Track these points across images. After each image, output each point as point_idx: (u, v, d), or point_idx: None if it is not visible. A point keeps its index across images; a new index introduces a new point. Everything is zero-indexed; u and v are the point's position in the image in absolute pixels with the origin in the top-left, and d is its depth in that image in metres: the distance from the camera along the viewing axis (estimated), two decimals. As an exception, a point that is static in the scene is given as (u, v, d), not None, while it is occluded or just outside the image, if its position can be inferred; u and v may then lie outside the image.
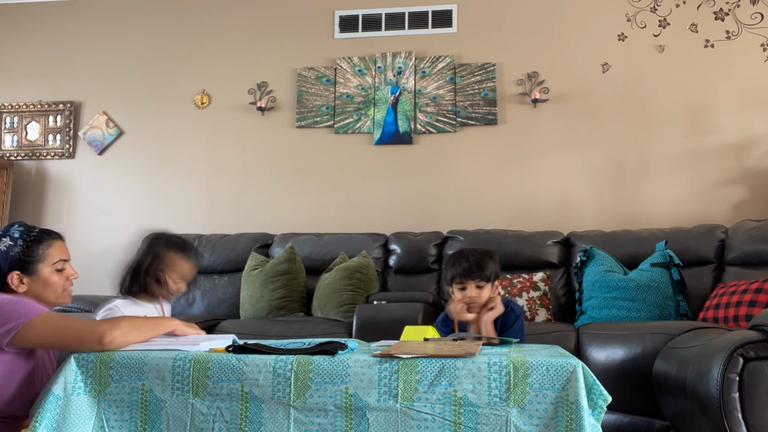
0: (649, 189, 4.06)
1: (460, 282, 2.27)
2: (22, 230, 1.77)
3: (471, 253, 2.31)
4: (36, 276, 1.75)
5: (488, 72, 4.30)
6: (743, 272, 3.29)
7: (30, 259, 1.74)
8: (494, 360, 1.45)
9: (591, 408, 1.41)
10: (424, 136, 4.34)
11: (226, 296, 3.89)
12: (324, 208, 4.37)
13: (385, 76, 4.41)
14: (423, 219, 4.21)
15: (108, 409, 1.54)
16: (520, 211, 4.14)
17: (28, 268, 1.74)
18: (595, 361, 2.70)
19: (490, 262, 2.28)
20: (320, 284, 3.63)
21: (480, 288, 2.25)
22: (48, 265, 1.77)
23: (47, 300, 1.77)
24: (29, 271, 1.74)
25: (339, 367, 1.48)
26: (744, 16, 4.09)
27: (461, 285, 2.27)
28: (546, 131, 4.21)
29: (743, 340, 1.84)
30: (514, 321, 2.28)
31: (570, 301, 3.61)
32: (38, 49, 4.86)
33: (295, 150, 4.46)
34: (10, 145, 4.80)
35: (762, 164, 3.94)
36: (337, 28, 4.54)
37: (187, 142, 4.52)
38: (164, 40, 4.72)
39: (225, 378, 1.51)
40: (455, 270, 2.27)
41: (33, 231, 1.78)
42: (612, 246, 3.55)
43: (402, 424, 1.43)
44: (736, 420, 1.80)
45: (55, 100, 4.78)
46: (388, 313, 3.00)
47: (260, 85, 4.55)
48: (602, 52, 4.23)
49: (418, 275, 3.86)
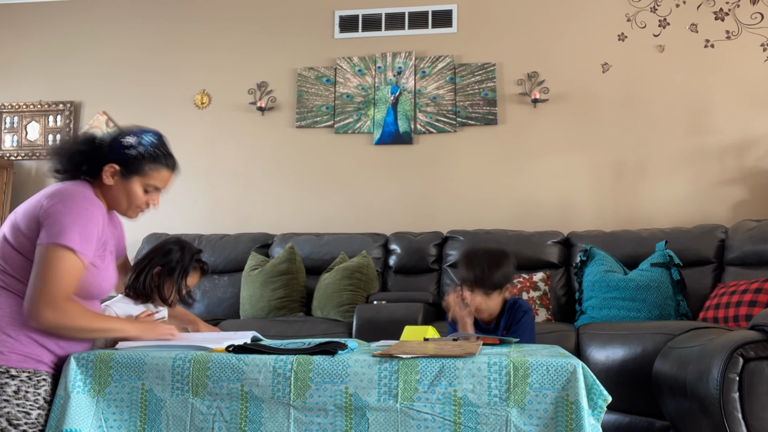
0: (649, 189, 4.06)
1: (470, 287, 2.25)
2: (153, 143, 1.79)
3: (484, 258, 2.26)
4: (126, 182, 1.76)
5: (488, 72, 4.30)
6: (743, 272, 3.29)
7: (135, 166, 1.75)
8: (494, 360, 1.45)
9: (591, 408, 1.41)
10: (424, 136, 4.34)
11: (226, 296, 3.89)
12: (324, 208, 4.37)
13: (385, 76, 4.41)
14: (423, 219, 4.21)
15: (107, 409, 1.54)
16: (520, 211, 4.14)
17: (127, 172, 1.75)
18: (595, 361, 2.70)
19: (502, 269, 2.24)
20: (320, 284, 3.63)
21: (488, 295, 2.24)
22: (142, 182, 1.78)
23: (118, 206, 1.80)
24: (125, 174, 1.75)
25: (339, 367, 1.48)
26: (744, 16, 4.09)
27: (470, 289, 2.25)
28: (546, 131, 4.21)
29: (743, 340, 1.84)
30: (522, 316, 2.27)
31: (570, 301, 3.61)
32: (38, 49, 4.86)
33: (295, 150, 4.46)
34: (10, 145, 4.80)
35: (762, 164, 3.94)
36: (337, 28, 4.54)
37: (187, 142, 4.52)
38: (164, 40, 4.72)
39: (225, 378, 1.51)
40: (467, 274, 2.25)
41: (159, 149, 1.80)
42: (612, 246, 3.55)
43: (402, 424, 1.43)
44: (736, 420, 1.80)
45: (55, 100, 4.78)
46: (388, 313, 3.01)
47: (260, 85, 4.55)
48: (602, 52, 4.23)
49: (418, 275, 3.87)
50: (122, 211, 1.82)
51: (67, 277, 1.58)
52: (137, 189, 1.77)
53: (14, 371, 1.55)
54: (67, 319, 1.57)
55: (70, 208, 1.61)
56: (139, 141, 1.76)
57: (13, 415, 1.53)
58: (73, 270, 1.59)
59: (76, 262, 1.60)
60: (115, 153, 1.75)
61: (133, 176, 1.76)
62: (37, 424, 1.55)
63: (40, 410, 1.56)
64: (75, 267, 1.60)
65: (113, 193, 1.77)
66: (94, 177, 1.76)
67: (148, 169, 1.78)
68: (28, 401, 1.55)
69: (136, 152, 1.75)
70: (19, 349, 1.57)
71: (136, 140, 1.76)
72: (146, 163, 1.77)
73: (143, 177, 1.77)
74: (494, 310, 2.28)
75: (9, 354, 1.55)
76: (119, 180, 1.75)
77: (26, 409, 1.54)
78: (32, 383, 1.57)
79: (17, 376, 1.55)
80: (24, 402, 1.54)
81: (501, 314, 2.31)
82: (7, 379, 1.54)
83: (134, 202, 1.79)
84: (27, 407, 1.54)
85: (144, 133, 1.79)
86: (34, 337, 1.58)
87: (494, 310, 2.29)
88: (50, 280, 1.55)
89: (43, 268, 1.56)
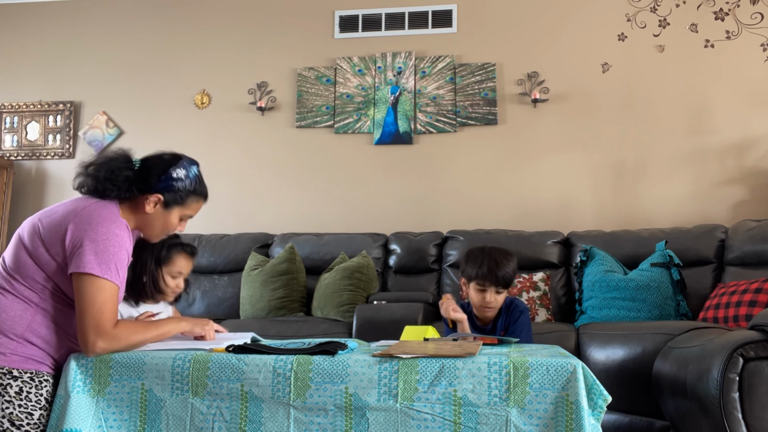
0: (649, 189, 4.06)
1: (482, 285, 2.25)
2: (197, 176, 1.82)
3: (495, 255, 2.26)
4: (167, 211, 1.77)
5: (488, 72, 4.30)
6: (743, 272, 3.29)
7: (179, 198, 1.77)
8: (494, 360, 1.45)
9: (591, 408, 1.41)
10: (424, 136, 4.34)
11: (226, 296, 3.89)
12: (324, 208, 4.37)
13: (385, 76, 4.41)
14: (423, 219, 4.21)
15: (107, 409, 1.54)
16: (520, 211, 4.14)
17: (171, 204, 1.76)
18: (595, 361, 2.70)
19: (512, 267, 2.26)
20: (320, 284, 3.63)
21: (499, 293, 2.26)
22: (180, 212, 1.80)
23: (150, 231, 1.81)
24: (168, 205, 1.76)
25: (339, 366, 1.48)
26: (744, 16, 4.09)
27: (481, 287, 2.25)
28: (546, 131, 4.21)
29: (743, 340, 1.84)
30: (519, 316, 2.28)
31: (570, 301, 3.60)
32: (38, 49, 4.86)
33: (295, 150, 4.46)
34: (10, 145, 4.80)
35: (762, 164, 3.94)
36: (337, 28, 4.54)
37: (187, 142, 4.52)
38: (164, 40, 4.72)
39: (225, 378, 1.51)
40: (479, 271, 2.24)
41: (201, 183, 1.83)
42: (612, 246, 3.55)
43: (402, 424, 1.43)
44: (736, 420, 1.80)
45: (55, 100, 4.78)
46: (388, 313, 3.01)
47: (260, 85, 4.55)
48: (602, 52, 4.23)
49: (418, 275, 3.86)
50: (149, 235, 1.83)
51: (110, 305, 1.59)
52: (175, 219, 1.80)
53: (16, 372, 1.56)
54: (121, 343, 1.59)
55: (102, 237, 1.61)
56: (187, 174, 1.78)
57: (16, 416, 1.54)
58: (114, 297, 1.62)
59: (114, 289, 1.61)
60: (163, 184, 1.75)
61: (174, 207, 1.78)
62: (39, 425, 1.55)
63: (42, 411, 1.57)
64: (115, 294, 1.62)
65: (149, 220, 1.77)
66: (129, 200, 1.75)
67: (190, 200, 1.80)
68: (31, 402, 1.56)
69: (183, 185, 1.77)
70: (21, 351, 1.58)
71: (185, 174, 1.78)
72: (190, 195, 1.80)
73: (183, 208, 1.80)
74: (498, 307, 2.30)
75: (11, 355, 1.57)
76: (160, 209, 1.76)
77: (29, 410, 1.55)
78: (34, 384, 1.57)
79: (19, 377, 1.56)
80: (26, 403, 1.55)
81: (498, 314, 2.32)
82: (9, 380, 1.55)
83: (167, 230, 1.82)
84: (29, 408, 1.55)
85: (190, 166, 1.81)
86: (35, 341, 1.60)
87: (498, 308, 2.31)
88: (97, 312, 1.56)
89: (87, 300, 1.57)
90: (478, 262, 2.26)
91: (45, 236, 1.63)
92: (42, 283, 1.62)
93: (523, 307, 2.33)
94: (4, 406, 1.54)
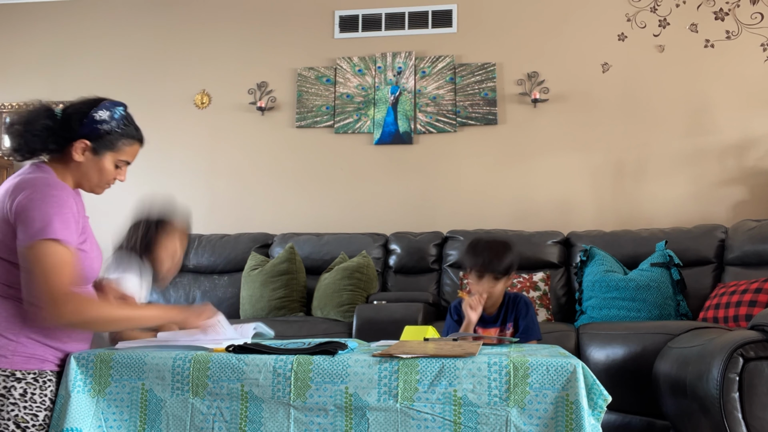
0: (649, 189, 4.06)
1: (479, 273, 2.30)
2: (124, 116, 1.71)
3: (490, 244, 2.36)
4: (98, 158, 1.67)
5: (488, 72, 4.30)
6: (743, 272, 3.29)
7: (108, 141, 1.67)
8: (494, 360, 1.45)
9: (591, 408, 1.41)
10: (424, 136, 4.34)
11: (226, 296, 3.89)
12: (324, 208, 4.37)
13: (385, 76, 4.41)
14: (423, 219, 4.21)
15: (107, 409, 1.54)
16: (520, 211, 4.14)
17: (100, 148, 1.66)
18: (595, 361, 2.70)
19: (508, 255, 2.32)
20: (320, 284, 3.63)
21: (497, 280, 2.29)
22: (114, 158, 1.70)
23: (87, 183, 1.71)
24: (98, 151, 1.66)
25: (339, 366, 1.48)
26: (744, 16, 4.09)
27: (479, 276, 2.30)
28: (546, 131, 4.21)
29: (743, 340, 1.84)
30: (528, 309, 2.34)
31: (570, 301, 3.61)
32: (38, 49, 4.86)
33: (295, 150, 4.46)
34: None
35: (762, 164, 3.94)
36: (337, 28, 4.54)
37: (187, 142, 4.52)
38: (164, 40, 4.72)
39: (225, 378, 1.51)
40: (475, 260, 2.31)
41: (130, 124, 1.72)
42: (612, 246, 3.55)
43: (402, 424, 1.43)
44: (736, 420, 1.80)
45: (55, 100, 4.76)
46: (388, 313, 3.01)
47: (260, 85, 4.55)
48: (602, 52, 4.23)
49: (418, 275, 3.86)
50: (90, 187, 1.73)
51: (64, 269, 1.51)
52: (109, 165, 1.69)
53: (19, 374, 1.53)
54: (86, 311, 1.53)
55: (38, 200, 1.53)
56: (111, 116, 1.68)
57: (21, 418, 1.51)
58: (66, 260, 1.53)
59: (64, 252, 1.52)
60: (87, 128, 1.64)
61: (105, 152, 1.67)
62: (44, 426, 1.53)
63: (47, 411, 1.54)
64: (66, 257, 1.52)
65: (83, 170, 1.67)
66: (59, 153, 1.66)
67: (121, 144, 1.70)
68: (35, 403, 1.53)
69: (110, 127, 1.67)
70: (22, 351, 1.54)
71: (109, 115, 1.67)
72: (120, 138, 1.69)
73: (116, 152, 1.69)
74: (498, 298, 2.35)
75: (12, 357, 1.52)
76: (90, 156, 1.67)
77: (33, 411, 1.52)
78: (38, 384, 1.54)
79: (23, 378, 1.53)
80: (31, 404, 1.52)
81: (502, 306, 2.37)
82: (13, 383, 1.52)
83: (105, 178, 1.71)
84: (34, 409, 1.52)
85: (114, 107, 1.70)
86: (35, 338, 1.56)
87: (498, 299, 2.35)
88: (48, 277, 1.49)
89: (36, 267, 1.49)
90: (476, 251, 2.34)
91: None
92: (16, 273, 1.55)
93: (528, 300, 2.39)
94: (9, 409, 1.50)
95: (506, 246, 2.37)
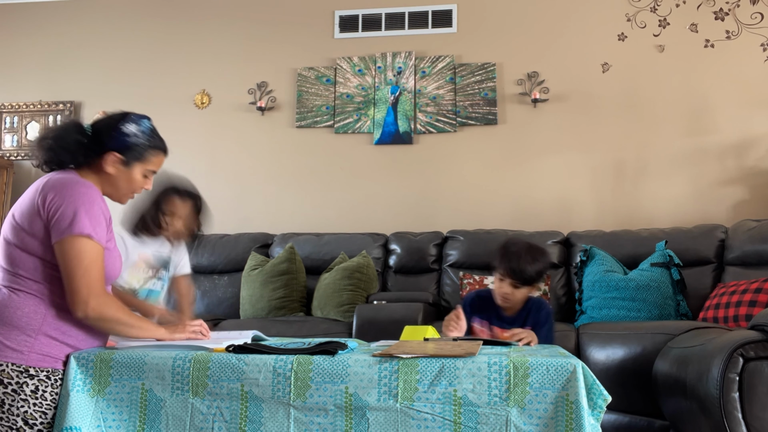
0: (649, 189, 4.06)
1: (501, 276, 2.29)
2: (151, 129, 1.82)
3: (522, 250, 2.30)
4: (128, 169, 1.77)
5: (488, 72, 4.30)
6: (743, 272, 3.29)
7: (137, 152, 1.77)
8: (494, 360, 1.45)
9: (591, 408, 1.41)
10: (424, 136, 4.34)
11: (226, 296, 3.89)
12: (324, 208, 4.37)
13: (385, 76, 4.41)
14: (423, 219, 4.21)
15: (106, 409, 1.54)
16: (520, 211, 4.14)
17: (130, 159, 1.76)
18: (595, 361, 2.70)
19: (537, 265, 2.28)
20: (320, 284, 3.63)
21: (516, 288, 2.28)
22: (142, 168, 1.80)
23: (116, 193, 1.80)
24: (128, 162, 1.76)
25: (339, 366, 1.48)
26: (744, 16, 4.09)
27: (501, 278, 2.30)
28: (546, 131, 4.21)
29: (743, 340, 1.84)
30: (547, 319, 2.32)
31: (570, 301, 3.61)
32: (38, 49, 4.86)
33: (295, 150, 4.46)
34: (10, 145, 4.80)
35: (762, 164, 3.94)
36: (337, 28, 4.54)
37: (187, 142, 4.52)
38: (164, 40, 4.72)
39: (225, 377, 1.51)
40: (501, 263, 2.29)
41: (156, 136, 1.83)
42: (612, 246, 3.55)
43: (402, 424, 1.43)
44: (736, 420, 1.80)
45: (55, 100, 4.78)
46: (388, 313, 3.01)
47: (260, 85, 4.55)
48: (602, 52, 4.23)
49: (418, 275, 3.86)
50: (118, 197, 1.82)
51: (96, 265, 1.60)
52: (138, 175, 1.79)
53: (33, 371, 1.55)
54: (110, 309, 1.61)
55: (69, 197, 1.61)
56: (139, 128, 1.78)
57: (30, 415, 1.53)
58: (98, 256, 1.61)
59: (95, 247, 1.61)
60: (116, 141, 1.74)
61: (135, 163, 1.77)
62: (52, 424, 1.55)
63: (56, 410, 1.56)
64: (98, 252, 1.62)
65: (112, 181, 1.77)
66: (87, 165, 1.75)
67: (149, 154, 1.80)
68: (46, 401, 1.55)
69: (138, 139, 1.77)
70: (39, 349, 1.57)
71: (137, 128, 1.77)
72: (148, 149, 1.79)
73: (144, 163, 1.79)
74: (519, 302, 2.33)
75: (29, 353, 1.56)
76: (121, 167, 1.75)
77: (43, 409, 1.55)
78: (50, 382, 1.57)
79: (36, 376, 1.56)
80: (42, 402, 1.55)
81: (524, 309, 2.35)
82: (26, 379, 1.54)
83: (133, 188, 1.81)
84: (44, 407, 1.55)
85: (140, 119, 1.81)
86: (53, 335, 1.59)
87: (519, 303, 2.33)
88: (84, 272, 1.57)
89: (71, 263, 1.57)
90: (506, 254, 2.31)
91: (22, 222, 1.63)
92: (38, 268, 1.61)
93: (549, 309, 2.38)
94: (19, 405, 1.53)
95: (538, 256, 2.31)
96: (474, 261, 3.73)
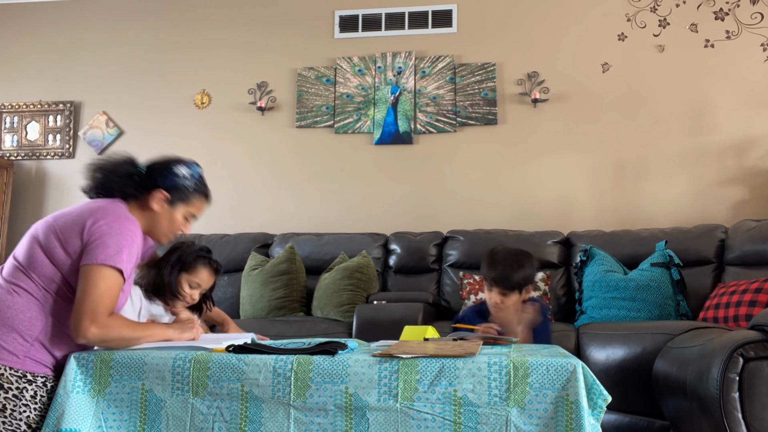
0: (649, 189, 4.06)
1: (489, 285, 2.29)
2: (200, 175, 1.90)
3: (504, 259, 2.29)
4: (171, 208, 1.83)
5: (488, 72, 4.30)
6: (743, 272, 3.28)
7: (183, 194, 1.84)
8: (494, 360, 1.45)
9: (591, 408, 1.41)
10: (424, 136, 4.34)
11: (226, 296, 3.89)
12: (324, 208, 4.37)
13: (385, 76, 4.41)
14: (423, 219, 4.21)
15: (107, 409, 1.54)
16: (520, 211, 4.14)
17: (175, 199, 1.83)
18: (595, 361, 2.70)
19: (520, 271, 2.27)
20: (320, 284, 3.63)
21: (504, 296, 2.27)
22: (185, 211, 1.86)
23: (157, 231, 1.85)
24: (173, 201, 1.82)
25: (339, 366, 1.48)
26: (744, 16, 4.09)
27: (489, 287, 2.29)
28: (546, 131, 4.21)
29: (743, 340, 1.84)
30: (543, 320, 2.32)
31: (570, 301, 3.60)
32: (38, 49, 4.86)
33: (295, 150, 4.46)
34: (10, 145, 4.80)
35: (762, 164, 3.94)
36: (337, 28, 4.54)
37: (187, 142, 4.52)
38: (164, 40, 4.72)
39: (225, 378, 1.51)
40: (488, 272, 2.29)
41: (203, 183, 1.91)
42: (612, 246, 3.55)
43: (402, 424, 1.43)
44: (736, 420, 1.80)
45: (55, 100, 4.78)
46: (388, 313, 3.01)
47: (260, 85, 4.55)
48: (602, 52, 4.23)
49: (418, 275, 3.86)
50: (157, 235, 1.87)
51: (111, 294, 1.62)
52: (180, 216, 1.85)
53: (30, 376, 1.59)
54: (112, 332, 1.60)
55: (117, 230, 1.66)
56: (190, 172, 1.86)
57: (32, 419, 1.57)
58: (117, 288, 1.64)
59: (119, 280, 1.64)
60: (167, 180, 1.82)
61: (179, 203, 1.83)
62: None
63: (53, 413, 1.58)
64: (118, 285, 1.65)
65: (156, 218, 1.82)
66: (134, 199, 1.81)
67: (194, 198, 1.87)
68: (45, 406, 1.59)
69: (186, 182, 1.84)
70: (33, 354, 1.60)
71: (188, 171, 1.86)
72: (194, 193, 1.86)
73: (188, 205, 1.86)
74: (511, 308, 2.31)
75: (24, 358, 1.59)
76: (165, 206, 1.81)
77: (42, 414, 1.58)
78: (46, 388, 1.60)
79: (34, 381, 1.59)
80: (41, 407, 1.58)
81: None
82: (25, 384, 1.58)
83: (173, 228, 1.86)
84: (44, 412, 1.58)
85: (192, 165, 1.88)
86: (46, 345, 1.62)
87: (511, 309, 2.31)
88: (97, 298, 1.58)
89: (90, 286, 1.59)
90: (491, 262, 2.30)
91: (62, 233, 1.66)
92: (53, 279, 1.64)
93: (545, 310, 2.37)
94: (22, 410, 1.56)
95: (522, 261, 2.30)
96: (474, 261, 3.73)
